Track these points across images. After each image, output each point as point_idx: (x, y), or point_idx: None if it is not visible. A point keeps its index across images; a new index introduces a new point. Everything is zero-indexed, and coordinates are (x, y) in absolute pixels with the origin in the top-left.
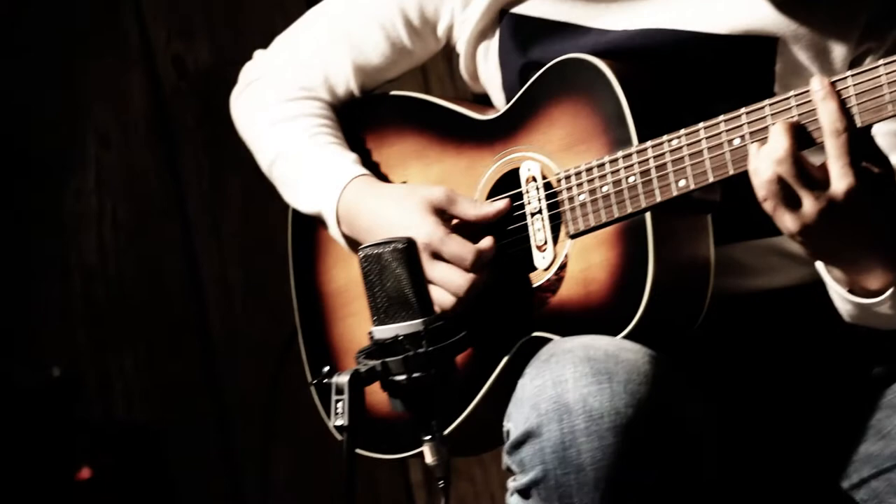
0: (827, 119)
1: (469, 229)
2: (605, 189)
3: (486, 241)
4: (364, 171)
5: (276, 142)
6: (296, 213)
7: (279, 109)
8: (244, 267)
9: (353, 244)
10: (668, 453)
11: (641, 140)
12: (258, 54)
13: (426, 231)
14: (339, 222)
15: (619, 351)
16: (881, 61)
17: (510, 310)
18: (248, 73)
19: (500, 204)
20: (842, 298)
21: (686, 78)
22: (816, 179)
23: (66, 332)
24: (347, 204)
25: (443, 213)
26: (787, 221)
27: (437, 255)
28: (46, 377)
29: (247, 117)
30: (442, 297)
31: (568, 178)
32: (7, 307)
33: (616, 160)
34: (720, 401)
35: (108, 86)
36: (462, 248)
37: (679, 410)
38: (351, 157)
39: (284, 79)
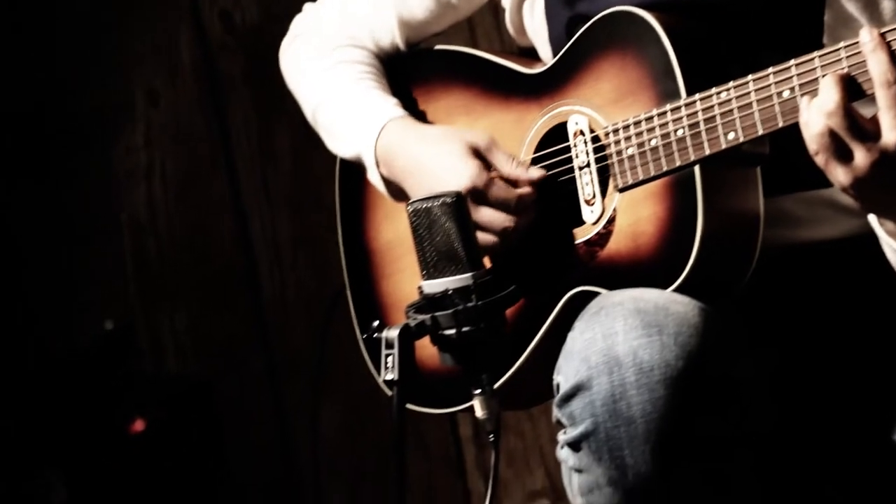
0: (877, 70)
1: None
2: (653, 142)
3: (527, 187)
4: (403, 112)
5: (320, 89)
6: (343, 168)
7: (324, 58)
8: (293, 221)
9: (393, 188)
10: (719, 405)
11: (690, 93)
12: (307, 6)
13: (469, 174)
14: (377, 164)
15: (669, 304)
16: None
17: (559, 264)
18: (296, 25)
19: (536, 173)
20: (893, 251)
21: (734, 30)
22: (868, 131)
23: (118, 289)
24: (386, 145)
25: (482, 157)
26: (839, 174)
27: (479, 199)
28: (100, 330)
29: (293, 68)
30: (486, 240)
31: (616, 131)
32: (59, 264)
33: (664, 113)
34: (771, 352)
35: (156, 42)
36: (506, 192)
37: (729, 362)
38: (391, 101)
39: (331, 30)
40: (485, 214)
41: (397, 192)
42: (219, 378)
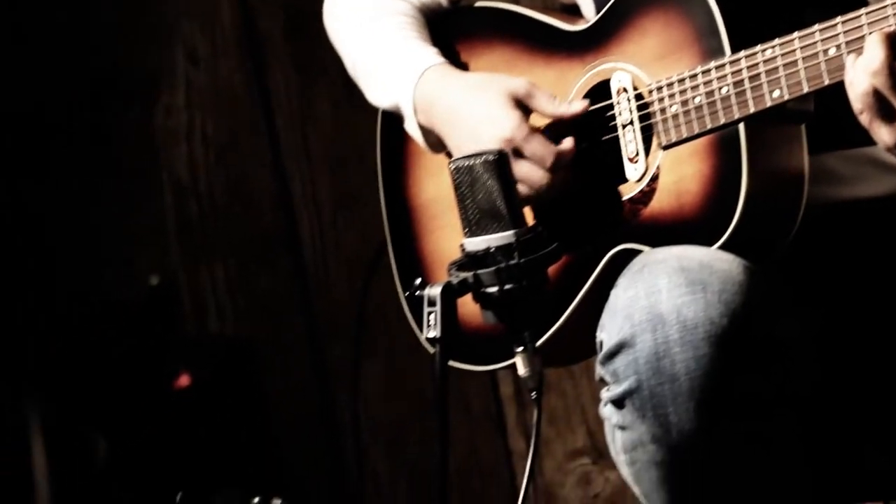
0: None
1: (551, 130)
2: (697, 100)
3: (567, 143)
4: (443, 59)
5: (360, 41)
6: (385, 125)
7: (366, 11)
8: (334, 181)
9: (431, 138)
10: (762, 364)
11: (734, 50)
12: None
13: (510, 126)
14: (415, 112)
15: (713, 261)
16: None
17: (602, 221)
18: None
19: (578, 106)
20: None
21: None
22: None
23: (160, 249)
24: (425, 92)
25: (523, 107)
26: (883, 134)
27: (517, 152)
28: (145, 285)
29: (336, 22)
30: (520, 192)
31: (659, 88)
32: (102, 225)
33: (708, 70)
34: (814, 312)
35: (196, 2)
36: (544, 148)
37: (773, 320)
38: (432, 50)
39: None
40: (521, 168)
41: (435, 143)
42: (260, 338)
